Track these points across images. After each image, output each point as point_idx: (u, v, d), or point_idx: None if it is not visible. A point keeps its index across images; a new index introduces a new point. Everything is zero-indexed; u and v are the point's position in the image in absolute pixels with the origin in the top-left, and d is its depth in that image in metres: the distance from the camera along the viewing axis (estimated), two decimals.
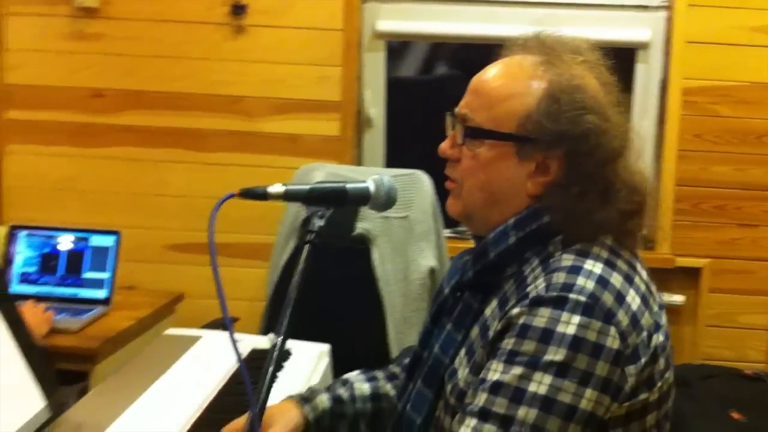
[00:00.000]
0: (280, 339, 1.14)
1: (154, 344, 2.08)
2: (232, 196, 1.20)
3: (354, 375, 1.57)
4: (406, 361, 1.56)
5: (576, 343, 1.14)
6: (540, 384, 1.13)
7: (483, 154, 1.28)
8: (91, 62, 3.09)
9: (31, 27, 3.09)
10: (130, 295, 2.81)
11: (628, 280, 1.22)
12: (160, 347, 2.06)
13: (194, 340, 2.10)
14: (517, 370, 1.15)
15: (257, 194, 1.23)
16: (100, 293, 2.56)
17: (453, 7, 3.09)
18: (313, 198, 1.26)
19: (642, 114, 3.03)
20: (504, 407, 1.14)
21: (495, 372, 1.17)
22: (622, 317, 1.17)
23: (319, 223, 1.23)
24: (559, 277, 1.19)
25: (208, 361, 1.94)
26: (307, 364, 1.99)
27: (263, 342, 2.13)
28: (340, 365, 2.08)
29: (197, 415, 1.64)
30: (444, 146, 1.34)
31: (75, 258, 2.61)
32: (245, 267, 3.08)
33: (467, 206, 1.33)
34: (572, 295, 1.16)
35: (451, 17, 3.07)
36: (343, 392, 1.51)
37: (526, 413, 1.13)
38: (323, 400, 1.48)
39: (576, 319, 1.14)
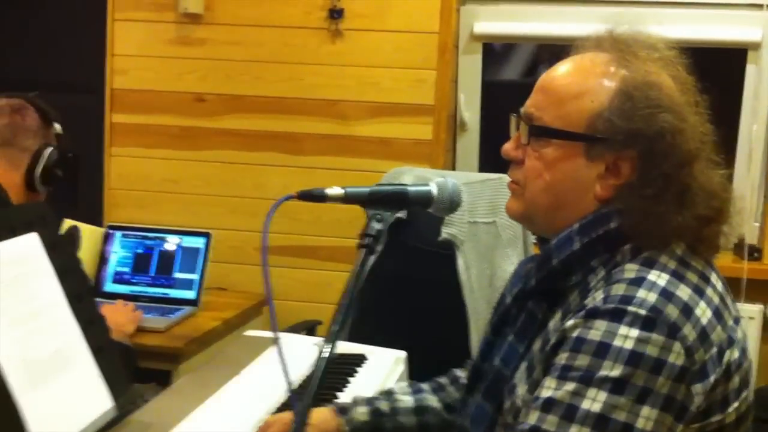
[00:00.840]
0: (329, 344, 1.09)
1: (233, 345, 2.10)
2: (290, 197, 1.18)
3: (399, 386, 1.53)
4: (458, 373, 1.51)
5: (634, 359, 1.07)
6: (594, 401, 1.07)
7: (549, 155, 1.22)
8: (195, 67, 3.17)
9: (137, 32, 3.19)
10: (220, 296, 2.86)
11: (698, 291, 1.14)
12: (237, 348, 2.07)
13: (271, 341, 2.09)
14: (570, 386, 1.09)
15: (316, 196, 1.21)
16: (189, 294, 2.61)
17: (554, 8, 3.01)
18: (374, 200, 1.22)
19: (752, 117, 2.86)
20: (555, 425, 1.08)
21: (548, 389, 1.11)
22: (689, 332, 1.09)
23: (377, 226, 1.19)
24: (619, 289, 1.12)
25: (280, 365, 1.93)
26: (381, 370, 1.96)
27: (341, 347, 2.11)
28: (419, 371, 2.04)
29: (264, 418, 1.63)
30: (507, 147, 1.29)
31: (167, 259, 2.67)
32: (332, 270, 3.07)
33: (529, 208, 1.27)
34: (631, 308, 1.09)
35: (552, 18, 2.99)
36: (383, 405, 1.48)
37: None
38: (362, 412, 1.45)
39: (635, 333, 1.07)
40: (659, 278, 1.13)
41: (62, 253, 1.52)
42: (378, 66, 3.04)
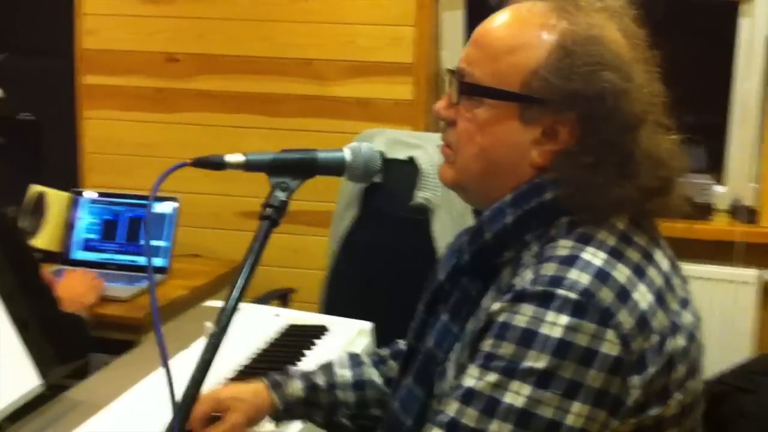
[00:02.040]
0: (218, 326, 1.00)
1: (188, 316, 2.02)
2: (183, 165, 1.08)
3: (338, 359, 1.44)
4: (402, 344, 1.42)
5: (562, 349, 0.96)
6: (517, 395, 0.97)
7: (480, 116, 1.11)
8: (166, 26, 3.06)
9: None
10: (193, 263, 2.78)
11: (638, 272, 1.04)
12: (194, 319, 1.99)
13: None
14: (492, 378, 0.99)
15: (214, 163, 1.11)
16: (158, 261, 2.53)
17: None
18: (278, 168, 1.13)
19: (745, 74, 2.72)
20: (474, 420, 0.99)
21: (470, 378, 1.01)
22: (625, 318, 0.99)
23: (280, 196, 1.10)
24: (549, 269, 1.01)
25: (235, 336, 1.85)
26: (342, 342, 1.88)
27: (304, 318, 2.04)
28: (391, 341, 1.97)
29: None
30: (438, 106, 1.17)
31: (135, 225, 2.59)
32: (308, 235, 2.99)
33: (462, 175, 1.16)
34: (560, 291, 0.98)
35: None
36: (320, 379, 1.39)
37: (498, 428, 0.97)
38: (296, 387, 1.36)
39: (563, 319, 0.97)
40: (594, 257, 1.02)
41: None
42: (353, 23, 2.92)
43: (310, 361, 1.75)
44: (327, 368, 1.41)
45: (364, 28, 2.92)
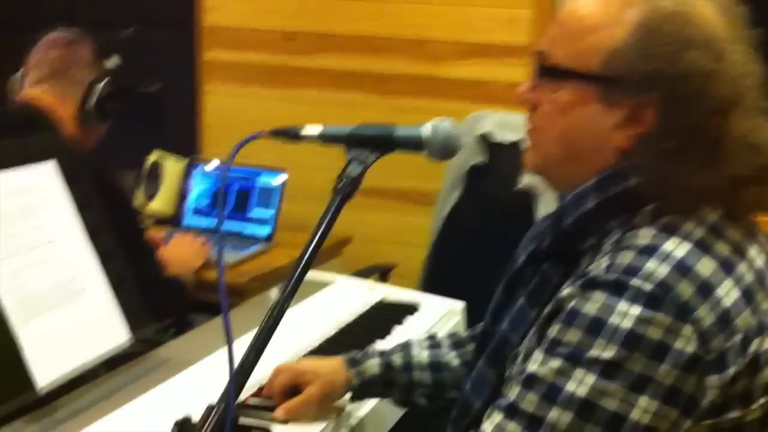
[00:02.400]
0: (282, 294, 1.01)
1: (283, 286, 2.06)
2: (258, 136, 1.10)
3: (417, 340, 1.43)
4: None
5: (632, 340, 0.93)
6: (580, 383, 0.94)
7: (561, 98, 1.07)
8: (284, 4, 3.12)
9: None
10: (298, 235, 2.82)
11: (726, 267, 0.98)
12: None
13: (324, 285, 2.05)
14: (556, 364, 0.96)
15: (289, 134, 1.13)
16: (264, 230, 2.59)
17: None
18: (354, 142, 1.13)
19: None
20: (534, 405, 0.96)
21: (534, 362, 0.99)
22: (705, 314, 0.94)
23: (355, 170, 1.09)
24: (625, 257, 0.97)
25: (325, 308, 1.89)
26: (431, 320, 1.87)
27: (397, 294, 2.04)
28: None
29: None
30: (521, 89, 1.14)
31: (243, 195, 2.66)
32: (416, 213, 2.98)
33: (543, 160, 1.13)
34: (635, 281, 0.94)
35: None
36: (397, 358, 1.39)
37: (558, 416, 0.95)
38: (373, 365, 1.37)
39: (635, 310, 0.93)
40: (678, 248, 0.97)
41: (83, 185, 1.51)
42: (469, 4, 2.89)
43: (397, 337, 1.75)
44: (405, 348, 1.41)
45: (480, 9, 2.88)
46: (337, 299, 1.96)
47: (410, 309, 1.92)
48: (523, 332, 1.11)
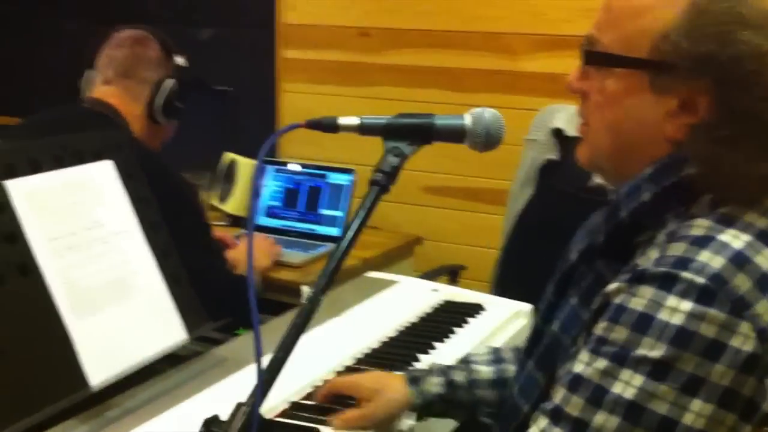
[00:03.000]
0: (312, 292, 0.98)
1: (348, 285, 2.04)
2: (295, 126, 1.07)
3: (479, 355, 1.38)
4: None
5: (682, 338, 0.86)
6: (627, 385, 0.88)
7: (609, 87, 1.02)
8: (359, 1, 3.10)
9: None
10: (370, 234, 2.80)
11: None
12: (351, 288, 2.01)
13: (389, 284, 2.02)
14: (601, 364, 0.90)
15: (326, 125, 1.09)
16: (334, 230, 2.58)
17: None
18: (393, 132, 1.08)
19: None
20: (579, 409, 0.91)
21: (579, 363, 0.94)
22: (764, 310, 0.87)
23: (393, 162, 1.05)
24: (677, 249, 0.91)
25: (387, 308, 1.85)
26: (496, 322, 1.81)
27: (463, 295, 1.99)
28: None
29: (344, 364, 1.56)
30: (571, 78, 1.09)
31: (314, 194, 2.65)
32: (494, 214, 2.92)
33: (594, 153, 1.08)
34: (686, 274, 0.88)
35: None
36: (459, 375, 1.34)
37: (604, 421, 0.89)
38: (434, 384, 1.32)
39: (686, 306, 0.87)
40: (735, 239, 0.90)
41: (139, 183, 1.52)
42: None
43: (457, 340, 1.70)
44: (466, 364, 1.36)
45: (556, 0, 2.80)
46: (400, 299, 1.92)
47: (475, 310, 1.87)
48: (576, 334, 1.05)
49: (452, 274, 2.70)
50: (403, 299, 1.91)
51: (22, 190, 1.32)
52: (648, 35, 0.98)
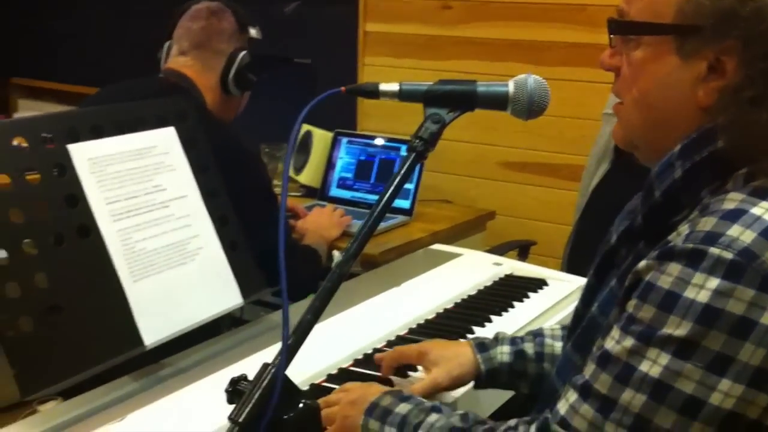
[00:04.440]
0: (341, 256, 0.98)
1: (410, 257, 2.04)
2: (336, 92, 1.07)
3: (550, 329, 1.35)
4: None
5: (708, 315, 0.83)
6: (654, 363, 0.86)
7: (636, 57, 0.99)
8: None
9: None
10: (441, 208, 2.79)
11: None
12: (412, 260, 2.01)
13: (452, 256, 2.01)
14: (629, 343, 0.88)
15: (367, 92, 1.08)
16: (404, 203, 2.57)
17: None
18: (433, 99, 1.06)
19: None
20: (607, 386, 0.89)
21: (610, 340, 0.92)
22: None
23: (431, 128, 1.04)
24: (707, 223, 0.87)
25: (447, 280, 1.84)
26: (557, 298, 1.78)
27: (526, 269, 1.96)
28: None
29: (398, 333, 1.56)
30: (603, 55, 1.06)
31: (386, 166, 2.65)
32: (562, 189, 2.87)
33: (628, 130, 1.05)
34: (714, 250, 0.84)
35: None
36: (528, 347, 1.32)
37: (631, 398, 0.87)
38: (503, 352, 1.30)
39: (713, 282, 0.84)
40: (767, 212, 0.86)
41: (202, 150, 1.55)
42: None
43: (518, 312, 1.68)
44: (537, 337, 1.34)
45: None
46: (460, 271, 1.91)
47: (538, 285, 1.84)
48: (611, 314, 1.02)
49: (522, 250, 2.66)
50: (465, 272, 1.90)
51: (85, 154, 1.36)
52: (673, 0, 0.94)
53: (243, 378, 0.94)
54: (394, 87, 1.07)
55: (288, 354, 0.92)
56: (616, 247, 1.09)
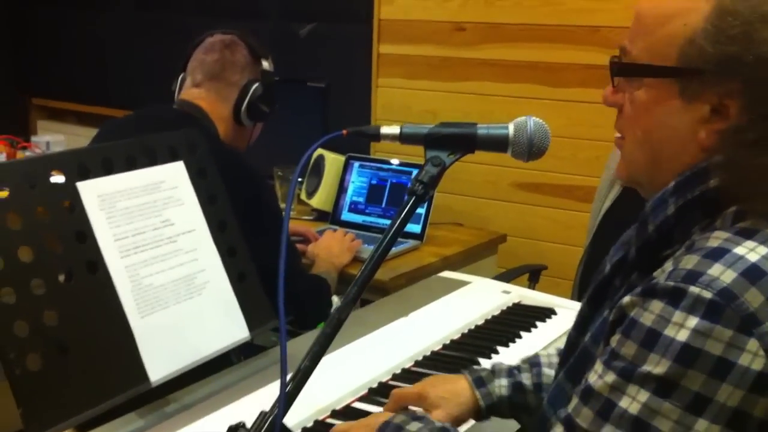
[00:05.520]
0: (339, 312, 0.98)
1: (418, 285, 2.04)
2: (338, 134, 1.07)
3: (546, 355, 1.35)
4: None
5: (687, 355, 0.84)
6: (633, 400, 0.87)
7: (640, 98, 1.00)
8: None
9: None
10: (453, 231, 2.79)
11: None
12: (420, 289, 2.01)
13: (461, 284, 2.01)
14: (610, 378, 0.89)
15: (368, 134, 1.09)
16: (415, 228, 2.56)
17: None
18: (434, 142, 1.07)
19: None
20: (588, 421, 0.90)
21: (593, 374, 0.93)
22: None
23: (431, 171, 1.04)
24: (689, 261, 0.88)
25: (454, 309, 1.84)
26: (564, 327, 1.77)
27: (534, 297, 1.96)
28: None
29: (404, 365, 1.56)
30: (605, 92, 1.06)
31: (398, 190, 2.65)
32: (575, 210, 2.87)
33: (630, 167, 1.05)
34: (694, 288, 0.85)
35: None
36: (526, 378, 1.31)
37: None
38: (501, 386, 1.30)
39: (692, 321, 0.84)
40: (751, 252, 0.86)
41: (211, 182, 1.56)
42: None
43: (525, 343, 1.68)
44: (534, 366, 1.34)
45: None
46: (469, 299, 1.90)
47: (546, 314, 1.84)
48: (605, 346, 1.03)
49: (532, 274, 2.65)
50: (473, 300, 1.90)
51: (93, 192, 1.37)
52: (675, 42, 0.95)
53: (241, 425, 0.95)
54: (395, 130, 1.08)
55: (286, 402, 0.92)
56: (609, 277, 1.10)
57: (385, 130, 1.08)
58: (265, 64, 2.08)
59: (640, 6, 1.01)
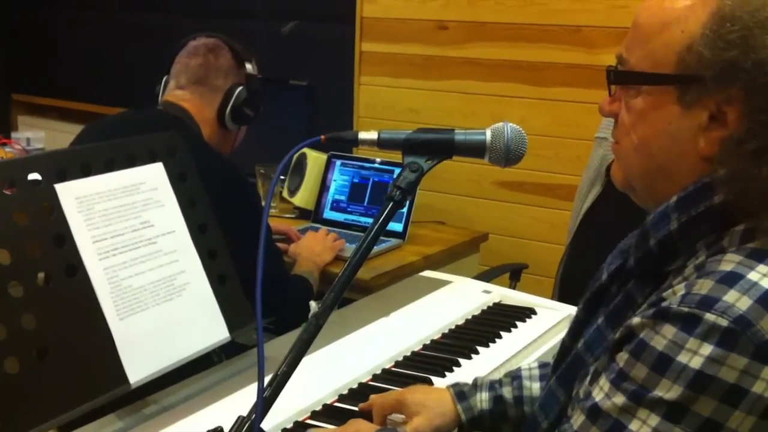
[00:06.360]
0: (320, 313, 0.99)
1: (399, 285, 2.04)
2: (316, 140, 1.08)
3: (527, 368, 1.36)
4: None
5: (700, 382, 0.84)
6: (643, 424, 0.87)
7: (637, 105, 0.99)
8: None
9: None
10: (436, 230, 2.80)
11: None
12: (401, 289, 2.01)
13: (442, 284, 2.01)
14: (620, 400, 0.89)
15: (346, 140, 1.10)
16: (397, 226, 2.57)
17: None
18: (412, 147, 1.07)
19: None
20: None
21: (600, 392, 0.92)
22: None
23: (409, 177, 1.05)
24: (703, 286, 0.87)
25: (435, 309, 1.84)
26: (546, 327, 1.79)
27: (515, 297, 1.97)
28: None
29: (382, 366, 1.57)
30: (602, 101, 1.06)
31: (379, 189, 2.66)
32: (558, 209, 2.88)
33: (626, 174, 1.05)
34: (709, 316, 0.85)
35: None
36: (507, 391, 1.32)
37: None
38: (482, 400, 1.31)
39: (707, 349, 0.84)
40: (765, 278, 0.86)
41: (191, 184, 1.56)
42: None
43: (505, 343, 1.69)
44: (515, 380, 1.35)
45: None
46: (450, 299, 1.91)
47: (526, 314, 1.85)
48: (598, 354, 1.03)
49: (513, 273, 2.66)
50: (454, 300, 1.90)
51: (72, 194, 1.37)
52: (673, 49, 0.95)
53: (219, 430, 0.95)
54: (372, 135, 1.08)
55: (263, 407, 0.92)
56: (606, 284, 1.09)
57: (363, 135, 1.09)
58: (249, 68, 2.07)
59: (637, 14, 1.01)
